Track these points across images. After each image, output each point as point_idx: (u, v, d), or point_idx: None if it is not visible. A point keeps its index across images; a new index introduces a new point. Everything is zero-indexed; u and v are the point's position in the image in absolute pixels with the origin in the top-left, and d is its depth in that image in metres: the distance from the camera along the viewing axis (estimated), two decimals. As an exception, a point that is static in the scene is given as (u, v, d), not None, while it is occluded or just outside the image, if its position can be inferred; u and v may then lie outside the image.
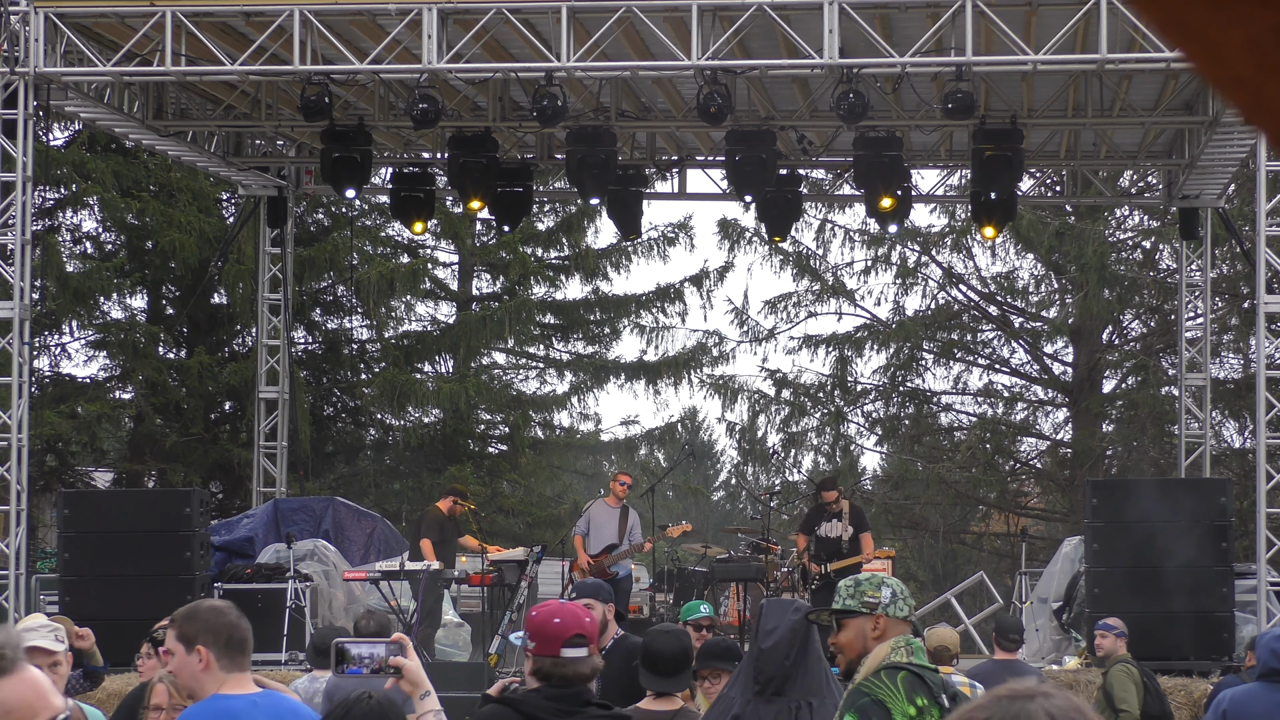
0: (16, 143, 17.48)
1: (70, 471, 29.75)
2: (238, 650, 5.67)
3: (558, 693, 5.61)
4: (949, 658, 11.69)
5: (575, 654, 5.63)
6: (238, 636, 5.68)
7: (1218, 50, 1.27)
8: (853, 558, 18.62)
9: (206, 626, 5.66)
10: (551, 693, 5.62)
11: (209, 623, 5.67)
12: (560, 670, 5.63)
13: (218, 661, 5.68)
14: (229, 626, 5.66)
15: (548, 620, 5.69)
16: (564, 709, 5.56)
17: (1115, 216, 32.53)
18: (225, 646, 5.66)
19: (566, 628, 5.65)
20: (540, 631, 5.68)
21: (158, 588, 17.46)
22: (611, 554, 19.01)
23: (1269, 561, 18.00)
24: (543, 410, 34.89)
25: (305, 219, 30.61)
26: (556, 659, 5.63)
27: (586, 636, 5.67)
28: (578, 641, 5.64)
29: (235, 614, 5.76)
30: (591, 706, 5.62)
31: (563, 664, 5.63)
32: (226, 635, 5.66)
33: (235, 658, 5.67)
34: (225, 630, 5.65)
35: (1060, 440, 34.04)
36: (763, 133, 19.23)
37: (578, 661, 5.64)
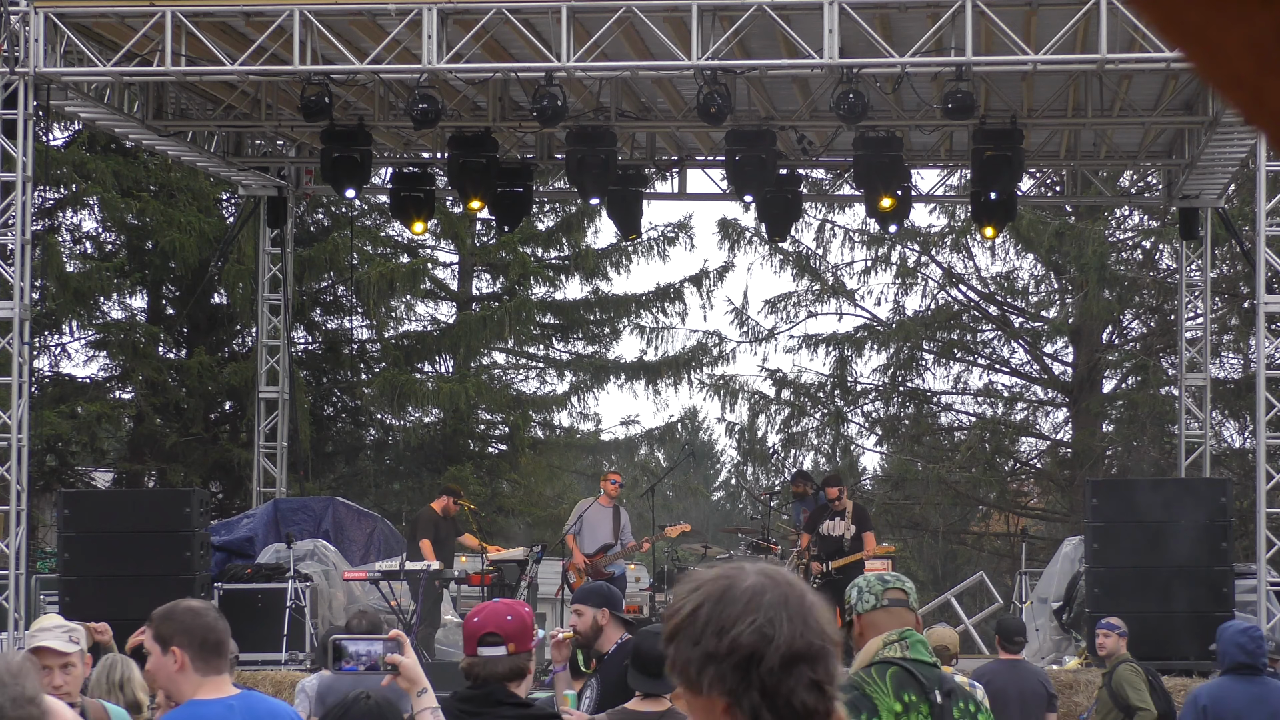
0: (16, 143, 17.47)
1: (70, 471, 29.75)
2: (213, 652, 5.64)
3: (470, 693, 5.62)
4: (948, 658, 11.68)
5: (490, 653, 5.63)
6: (213, 639, 5.64)
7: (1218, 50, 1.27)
8: (854, 555, 18.61)
9: (182, 627, 5.62)
10: (465, 693, 5.64)
11: (184, 624, 5.63)
12: (474, 669, 5.64)
13: (192, 664, 5.65)
14: (204, 628, 5.62)
15: (470, 619, 5.71)
16: (470, 710, 5.56)
17: (1115, 216, 32.53)
18: (200, 648, 5.62)
19: (482, 625, 5.66)
20: (464, 630, 5.72)
21: (158, 588, 17.41)
22: (607, 554, 19.03)
23: (1269, 561, 18.00)
24: (543, 410, 34.89)
25: (305, 219, 30.61)
26: (474, 658, 5.64)
27: (502, 635, 5.65)
28: (491, 640, 5.64)
29: (213, 615, 5.72)
30: (504, 706, 5.60)
31: (477, 663, 5.64)
32: (201, 637, 5.62)
33: (211, 660, 5.63)
34: (200, 632, 5.62)
35: (1060, 440, 34.05)
36: (763, 133, 19.23)
37: (492, 661, 5.64)
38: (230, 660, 5.83)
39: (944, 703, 5.61)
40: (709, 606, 2.43)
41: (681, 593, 2.48)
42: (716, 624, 2.41)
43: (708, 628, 2.41)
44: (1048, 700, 12.42)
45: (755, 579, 2.47)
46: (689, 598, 2.46)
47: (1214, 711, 9.92)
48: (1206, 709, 9.94)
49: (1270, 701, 10.03)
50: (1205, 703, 10.01)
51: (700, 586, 2.47)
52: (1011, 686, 12.29)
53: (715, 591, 2.45)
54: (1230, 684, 10.12)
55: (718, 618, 2.42)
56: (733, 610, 2.42)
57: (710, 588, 2.46)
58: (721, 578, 2.48)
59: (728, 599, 2.43)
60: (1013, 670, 12.54)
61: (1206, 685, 10.52)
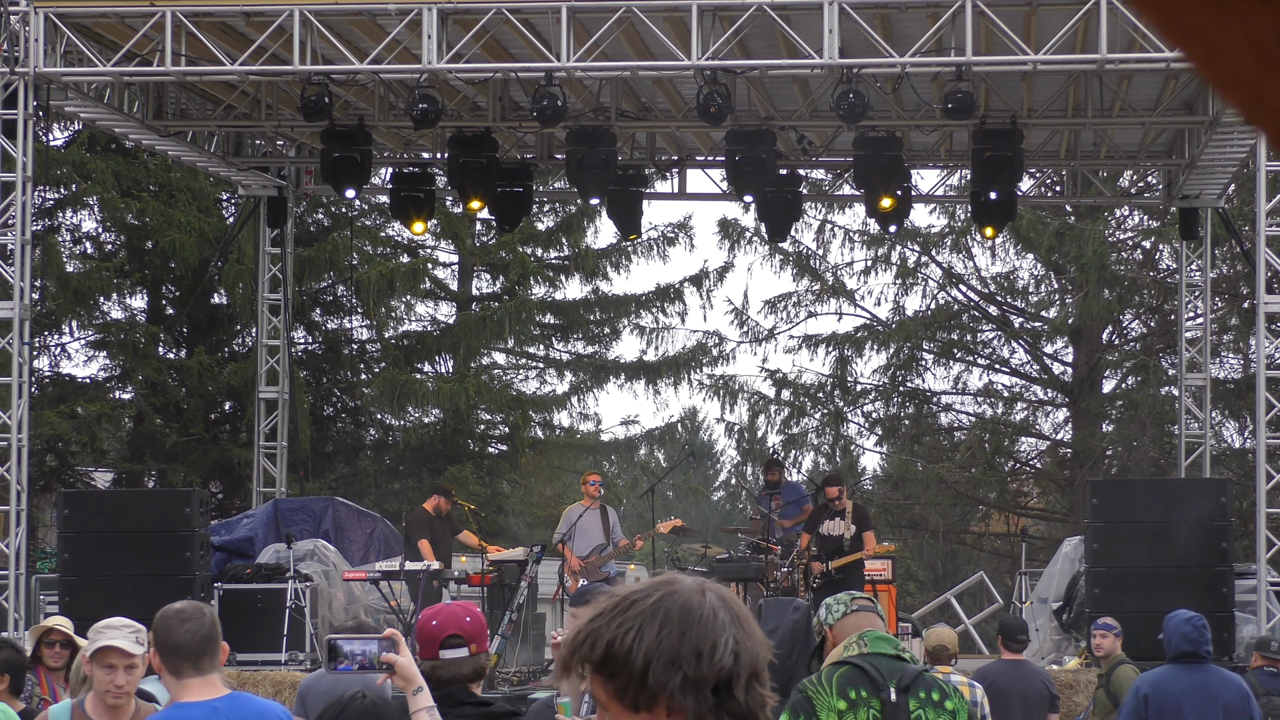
0: (16, 143, 17.48)
1: (70, 471, 29.75)
2: (187, 656, 5.69)
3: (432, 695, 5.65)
4: (948, 657, 11.69)
5: (453, 655, 5.66)
6: (187, 643, 5.68)
7: (1218, 50, 1.27)
8: (854, 554, 18.60)
9: (158, 631, 5.72)
10: None
11: (160, 627, 5.72)
12: (437, 673, 5.66)
13: (166, 667, 5.71)
14: (181, 633, 5.69)
15: (427, 623, 5.74)
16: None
17: (1115, 216, 32.54)
18: (171, 652, 5.69)
19: (443, 628, 5.69)
20: (421, 634, 5.76)
21: (158, 588, 17.44)
22: (601, 554, 19.03)
23: (1269, 561, 18.00)
24: (543, 410, 34.89)
25: (305, 219, 30.61)
26: (436, 661, 5.66)
27: (464, 636, 5.70)
28: (454, 642, 5.68)
29: (194, 620, 5.76)
30: (465, 705, 5.64)
31: (440, 666, 5.67)
32: (173, 642, 5.69)
33: (186, 663, 5.69)
34: (172, 636, 5.69)
35: (1060, 440, 34.05)
36: (763, 133, 19.23)
37: (456, 663, 5.67)
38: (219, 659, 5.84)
39: (899, 699, 5.64)
40: (675, 628, 2.40)
41: (628, 615, 2.42)
42: (693, 646, 2.39)
43: (685, 648, 2.39)
44: (1050, 700, 12.43)
45: (707, 596, 2.45)
46: (645, 619, 2.41)
47: (1155, 700, 10.18)
48: (1148, 698, 10.18)
49: (1210, 687, 10.26)
50: (1147, 691, 10.26)
51: (655, 611, 2.42)
52: (1014, 686, 12.29)
53: (676, 612, 2.41)
54: (1173, 672, 10.36)
55: (693, 640, 2.39)
56: (707, 633, 2.40)
57: (669, 607, 2.42)
58: (671, 595, 2.44)
59: (693, 620, 2.41)
60: (1015, 670, 12.54)
61: (1149, 674, 10.74)
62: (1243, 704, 10.30)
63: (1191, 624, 10.35)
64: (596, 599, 2.55)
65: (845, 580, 18.58)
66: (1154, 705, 10.16)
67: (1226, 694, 10.25)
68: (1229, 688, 10.33)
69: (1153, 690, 10.25)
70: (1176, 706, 10.13)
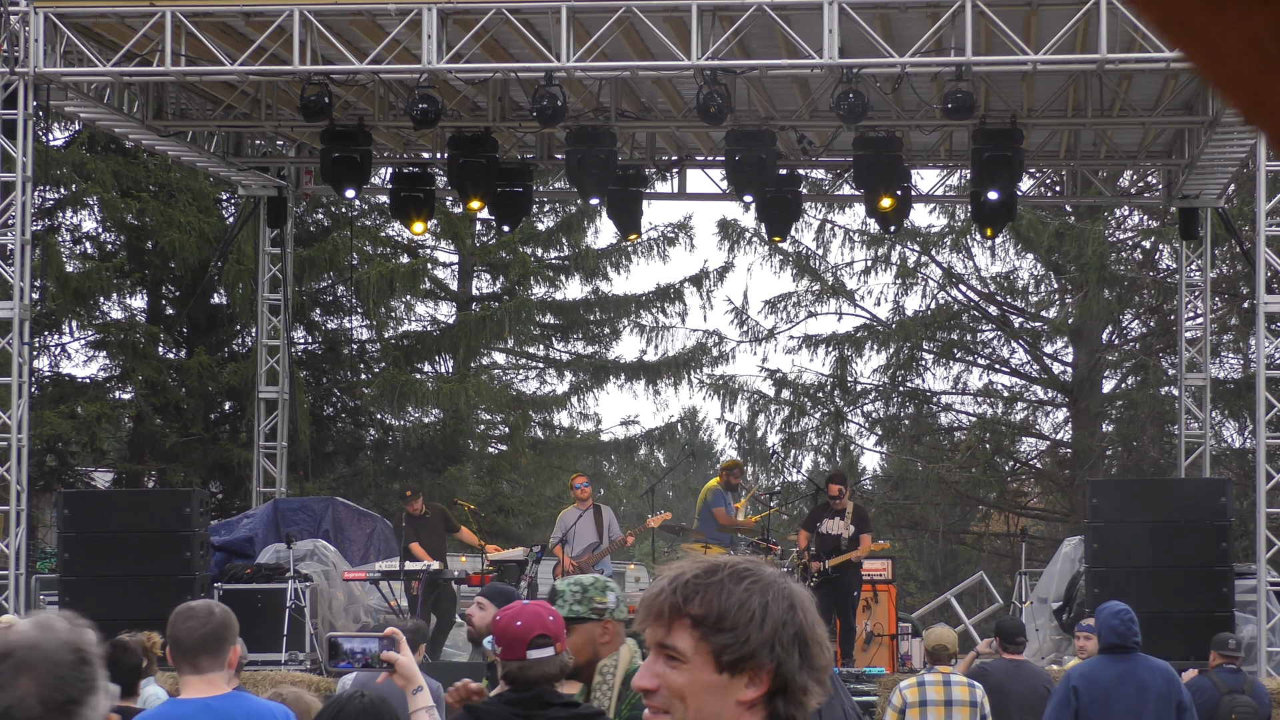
0: (16, 143, 17.47)
1: (70, 471, 29.75)
2: (189, 653, 5.70)
3: (519, 696, 5.61)
4: (947, 657, 11.71)
5: (540, 654, 5.63)
6: (189, 641, 5.70)
7: (1218, 50, 1.27)
8: (850, 553, 18.59)
9: (170, 629, 5.75)
10: (513, 697, 5.61)
11: (172, 626, 5.76)
12: (525, 673, 5.62)
13: (174, 662, 5.76)
14: (185, 630, 5.72)
15: (510, 623, 5.68)
16: (522, 713, 5.56)
17: (1115, 216, 32.53)
18: (175, 648, 5.72)
19: (529, 629, 5.64)
20: (505, 635, 5.68)
21: (158, 588, 17.46)
22: (594, 553, 19.03)
23: (1269, 561, 18.00)
24: (543, 410, 34.89)
25: (305, 219, 30.60)
26: (523, 662, 5.62)
27: (551, 635, 5.66)
28: (541, 642, 5.64)
29: (201, 617, 5.77)
30: (554, 707, 5.60)
31: (528, 666, 5.62)
32: (177, 638, 5.71)
33: (189, 660, 5.71)
34: (178, 633, 5.72)
35: (1060, 440, 34.05)
36: (763, 133, 19.23)
37: (544, 662, 5.63)
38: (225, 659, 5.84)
39: None
40: (799, 611, 2.53)
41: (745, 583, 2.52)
42: (816, 633, 2.54)
43: (782, 636, 2.50)
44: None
45: (787, 584, 2.58)
46: (769, 593, 2.52)
47: (1085, 692, 10.44)
48: (1077, 689, 10.40)
49: (1137, 675, 10.48)
50: (1076, 682, 10.54)
51: (769, 584, 2.54)
52: (1013, 686, 12.31)
53: (797, 598, 2.55)
54: (1101, 663, 10.61)
55: (814, 627, 2.54)
56: (819, 625, 2.56)
57: (784, 589, 2.55)
58: (781, 579, 2.57)
59: (808, 609, 2.55)
60: (1014, 670, 12.55)
61: (1079, 665, 10.93)
62: (1171, 691, 10.57)
63: (1119, 616, 10.58)
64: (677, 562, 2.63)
65: (842, 579, 18.58)
66: (1084, 696, 10.40)
67: (1155, 682, 10.47)
68: (1157, 676, 10.54)
69: (1082, 681, 10.49)
70: (1105, 695, 10.35)
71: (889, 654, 19.23)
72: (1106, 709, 10.37)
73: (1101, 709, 10.36)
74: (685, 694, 2.49)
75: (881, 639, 19.31)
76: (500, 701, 5.62)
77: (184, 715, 5.72)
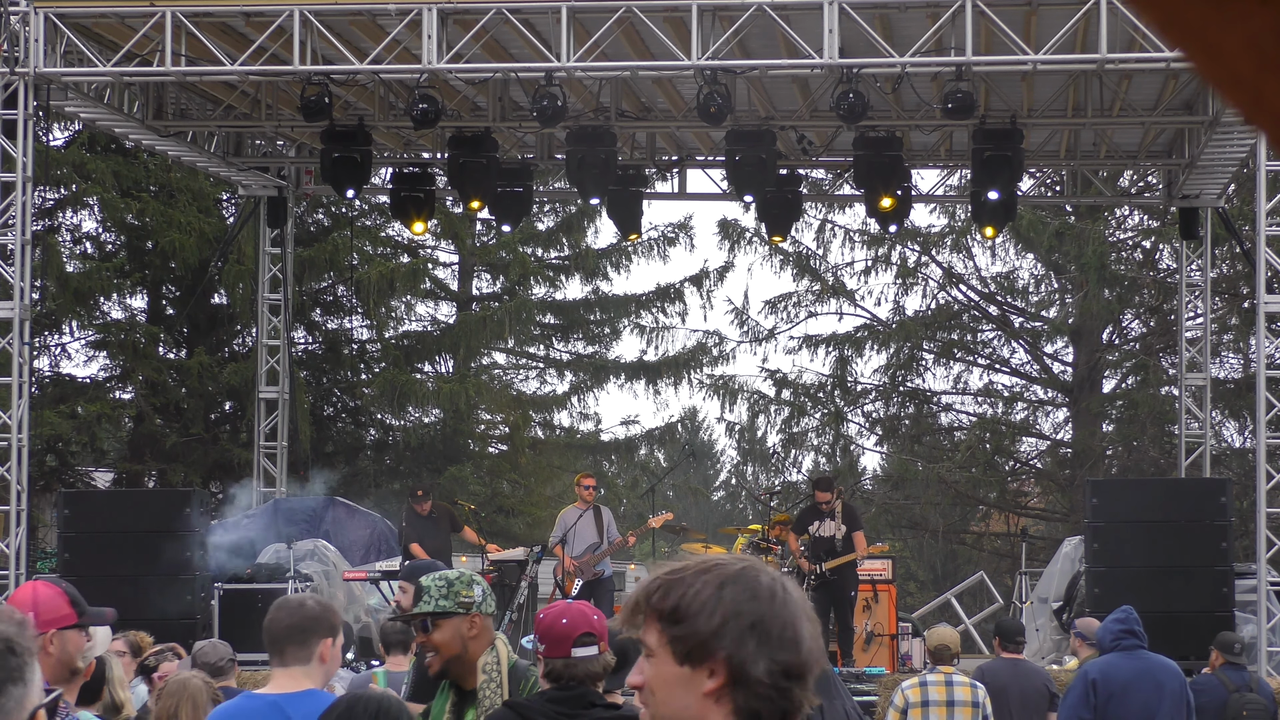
0: (16, 143, 17.47)
1: (70, 471, 29.74)
2: (278, 644, 5.74)
3: (562, 695, 5.58)
4: (949, 657, 11.70)
5: (585, 653, 5.61)
6: (276, 631, 5.74)
7: (1217, 49, 1.27)
8: (847, 555, 18.58)
9: (265, 620, 5.79)
10: (556, 695, 5.58)
11: (266, 617, 5.79)
12: (570, 671, 5.60)
13: (269, 658, 5.79)
14: (273, 620, 5.75)
15: (555, 621, 5.66)
16: (566, 712, 5.53)
17: (1115, 216, 32.54)
18: (266, 640, 5.77)
19: (575, 627, 5.62)
20: (549, 633, 5.66)
21: (158, 588, 17.47)
22: (595, 553, 19.02)
23: (1269, 561, 18.00)
24: (543, 410, 34.90)
25: (305, 219, 30.61)
26: (568, 660, 5.60)
27: (596, 634, 5.64)
28: (586, 640, 5.62)
29: (291, 608, 5.79)
30: (596, 708, 5.58)
31: (573, 664, 5.61)
32: (267, 629, 5.76)
33: (279, 652, 5.76)
34: (270, 624, 5.75)
35: (1060, 440, 34.06)
36: (763, 133, 19.23)
37: (588, 661, 5.62)
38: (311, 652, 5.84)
39: None
40: (761, 601, 2.49)
41: (710, 575, 2.51)
42: (779, 623, 2.49)
43: (755, 631, 2.48)
44: (1049, 699, 12.45)
45: (789, 586, 2.55)
46: (728, 582, 2.51)
47: (1103, 687, 10.53)
48: (1096, 682, 10.47)
49: (1154, 673, 10.62)
50: (1095, 676, 10.61)
51: (739, 575, 2.52)
52: (1013, 685, 12.32)
53: (763, 587, 2.51)
54: (1118, 659, 10.71)
55: (778, 617, 2.50)
56: (790, 616, 2.51)
57: (754, 579, 2.52)
58: (755, 571, 2.54)
59: (777, 599, 2.51)
60: (1014, 669, 12.56)
61: (1096, 661, 10.99)
62: (1183, 690, 10.71)
63: (1122, 613, 10.77)
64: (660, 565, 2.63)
65: (839, 581, 18.57)
66: (1102, 690, 10.45)
67: (1170, 681, 10.54)
68: (1171, 675, 10.61)
69: (1100, 675, 10.55)
70: (1124, 691, 10.42)
71: (889, 654, 19.23)
72: (1124, 704, 10.42)
73: (1120, 704, 10.42)
74: (654, 687, 2.53)
75: (882, 639, 19.31)
76: (544, 699, 5.59)
77: (252, 710, 5.73)
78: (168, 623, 15.25)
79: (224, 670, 9.27)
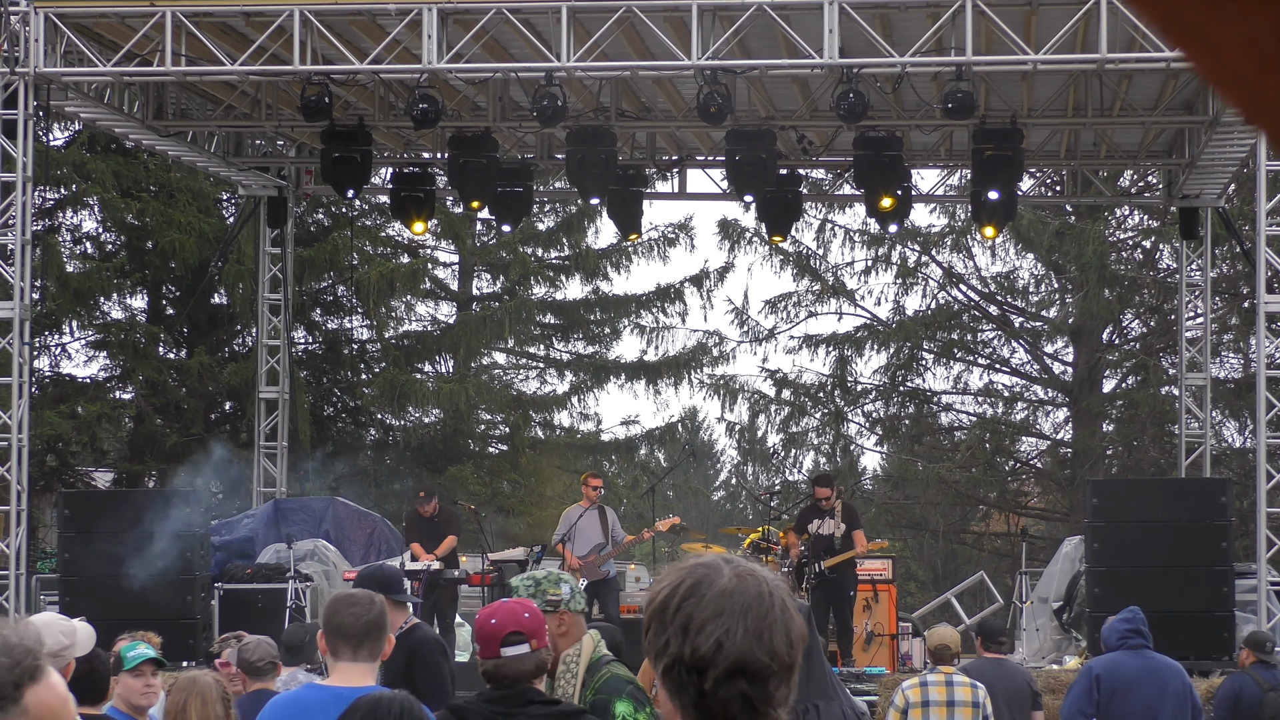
0: (16, 143, 17.48)
1: (70, 471, 29.74)
2: (343, 641, 5.80)
3: (500, 694, 5.61)
4: (950, 656, 11.69)
5: (515, 652, 5.63)
6: (355, 627, 5.80)
7: (1217, 49, 1.27)
8: (846, 553, 18.57)
9: (328, 613, 5.87)
10: (493, 695, 5.62)
11: (334, 613, 5.86)
12: (501, 671, 5.62)
13: (328, 646, 5.84)
14: (350, 616, 5.82)
15: (485, 622, 5.69)
16: (503, 711, 5.56)
17: (1115, 216, 32.53)
18: (339, 635, 5.81)
19: (503, 626, 5.64)
20: (479, 634, 5.70)
21: (158, 588, 17.47)
22: (600, 554, 19.00)
23: (1269, 561, 18.01)
24: (543, 410, 34.89)
25: (305, 219, 30.60)
26: (498, 660, 5.63)
27: (525, 633, 5.66)
28: (515, 639, 5.64)
29: (364, 604, 5.87)
30: (534, 704, 5.60)
31: (504, 664, 5.63)
32: (342, 625, 5.82)
33: (341, 648, 5.82)
34: (347, 620, 5.81)
35: (1060, 440, 34.05)
36: (763, 133, 19.23)
37: (518, 659, 5.64)
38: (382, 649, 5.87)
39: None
40: (678, 600, 2.49)
41: (660, 581, 2.55)
42: (682, 621, 2.47)
43: (674, 622, 2.47)
44: (1033, 698, 12.46)
45: (730, 581, 2.50)
46: (664, 587, 2.53)
47: (1107, 683, 10.65)
48: (1100, 678, 10.52)
49: (1159, 672, 10.67)
50: (1099, 672, 10.66)
51: (677, 579, 2.53)
52: (998, 685, 12.31)
53: (688, 587, 2.50)
54: (1123, 657, 10.78)
55: (685, 615, 2.47)
56: (700, 612, 2.47)
57: (686, 581, 2.51)
58: (698, 569, 2.53)
59: (697, 597, 2.48)
60: (998, 669, 12.55)
61: (1101, 657, 11.04)
62: (1186, 691, 10.76)
63: (1130, 612, 10.81)
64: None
65: (838, 580, 18.57)
66: (1106, 687, 10.47)
67: (1174, 681, 10.57)
68: (1175, 675, 10.64)
69: (1105, 671, 10.59)
70: (1128, 688, 10.46)
71: (889, 654, 19.23)
72: (1128, 702, 10.46)
73: (1123, 701, 10.45)
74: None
75: (882, 639, 19.31)
76: (481, 699, 5.63)
77: (316, 701, 5.76)
78: (168, 623, 15.24)
79: (262, 671, 9.17)
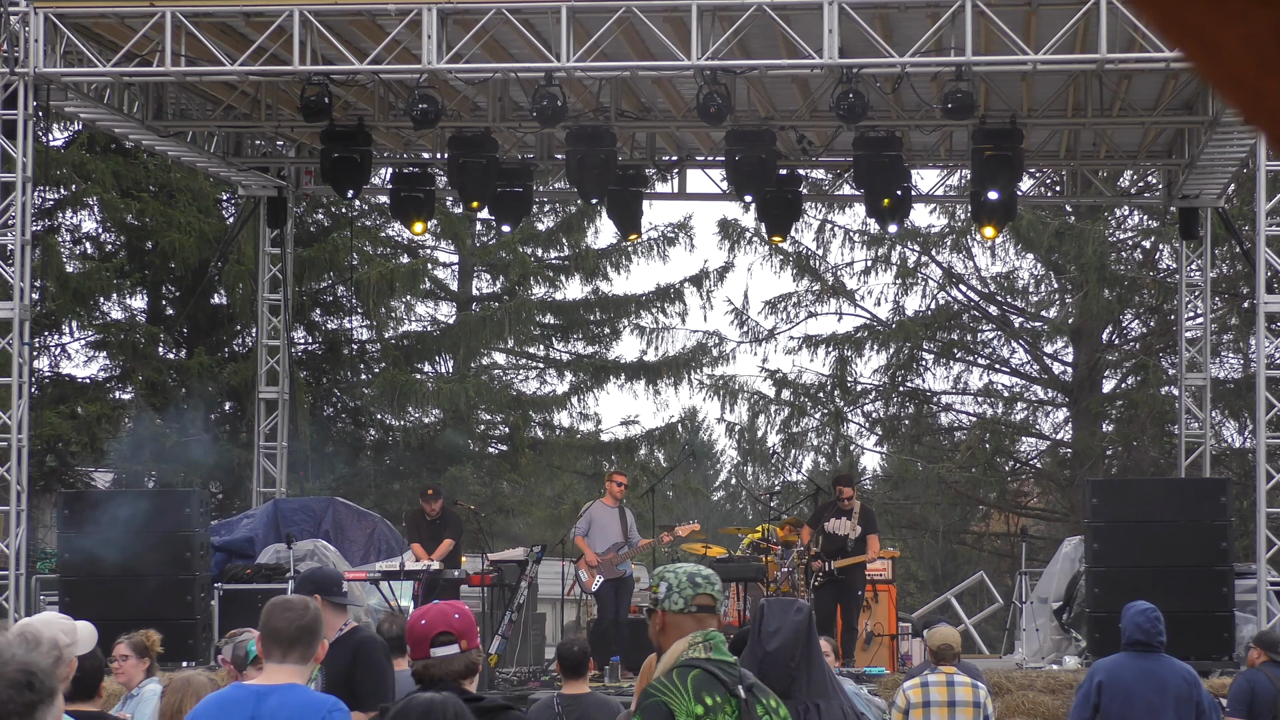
0: (16, 143, 17.47)
1: (70, 471, 29.74)
2: (275, 644, 5.86)
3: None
4: (951, 656, 11.68)
5: (444, 652, 5.64)
6: (288, 632, 5.84)
7: (1217, 49, 1.27)
8: (857, 556, 18.58)
9: (264, 617, 5.93)
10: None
11: (268, 616, 5.92)
12: (430, 671, 5.65)
13: (265, 652, 5.92)
14: (284, 620, 5.86)
15: (415, 623, 5.74)
16: None
17: (1115, 216, 32.54)
18: (272, 638, 5.88)
19: (432, 627, 5.68)
20: (410, 635, 5.75)
21: (157, 588, 17.47)
22: (619, 553, 18.97)
23: (1269, 561, 18.01)
24: (543, 410, 34.88)
25: (305, 219, 30.60)
26: (427, 660, 5.64)
27: (454, 633, 5.67)
28: (444, 640, 5.65)
29: (297, 612, 5.91)
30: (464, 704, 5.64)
31: (433, 664, 5.65)
32: (276, 629, 5.87)
33: (273, 650, 5.87)
34: (280, 624, 5.86)
35: (1060, 440, 34.05)
36: (763, 133, 19.23)
37: (447, 660, 5.65)
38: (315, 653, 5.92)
39: (747, 697, 5.62)
40: None
41: None
42: None
43: None
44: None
45: None
46: None
47: (1109, 686, 10.56)
48: (1102, 684, 10.51)
49: (1160, 675, 10.57)
50: (1101, 677, 10.64)
51: None
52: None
53: None
54: (1125, 660, 10.70)
55: None
56: None
57: None
58: None
59: None
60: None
61: (1103, 660, 11.02)
62: (1190, 693, 10.64)
63: (1146, 615, 10.67)
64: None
65: (847, 580, 18.57)
66: (1107, 690, 10.47)
67: (1176, 683, 10.53)
68: (1178, 677, 10.61)
69: (1106, 676, 10.58)
70: (1128, 692, 10.45)
71: (889, 654, 19.23)
72: (1127, 705, 10.44)
73: (1122, 704, 10.44)
74: None
75: (882, 639, 19.31)
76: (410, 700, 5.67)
77: (236, 699, 5.80)
78: (167, 623, 15.23)
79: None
